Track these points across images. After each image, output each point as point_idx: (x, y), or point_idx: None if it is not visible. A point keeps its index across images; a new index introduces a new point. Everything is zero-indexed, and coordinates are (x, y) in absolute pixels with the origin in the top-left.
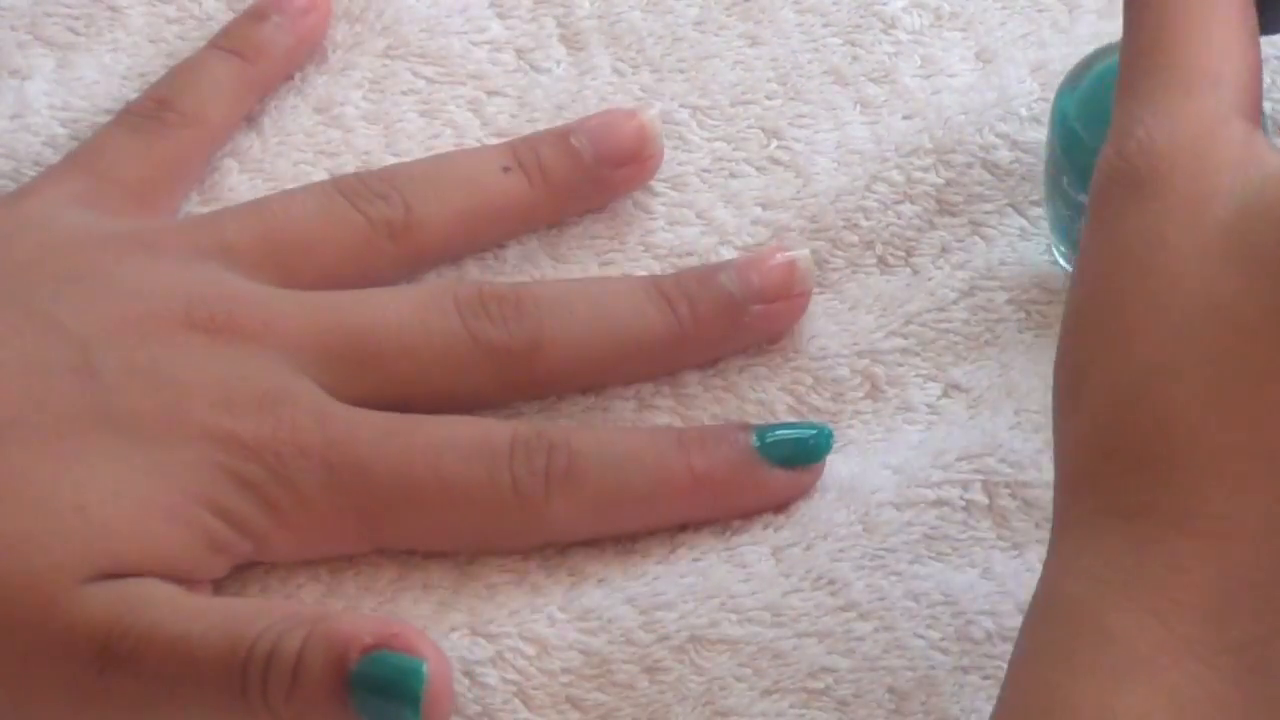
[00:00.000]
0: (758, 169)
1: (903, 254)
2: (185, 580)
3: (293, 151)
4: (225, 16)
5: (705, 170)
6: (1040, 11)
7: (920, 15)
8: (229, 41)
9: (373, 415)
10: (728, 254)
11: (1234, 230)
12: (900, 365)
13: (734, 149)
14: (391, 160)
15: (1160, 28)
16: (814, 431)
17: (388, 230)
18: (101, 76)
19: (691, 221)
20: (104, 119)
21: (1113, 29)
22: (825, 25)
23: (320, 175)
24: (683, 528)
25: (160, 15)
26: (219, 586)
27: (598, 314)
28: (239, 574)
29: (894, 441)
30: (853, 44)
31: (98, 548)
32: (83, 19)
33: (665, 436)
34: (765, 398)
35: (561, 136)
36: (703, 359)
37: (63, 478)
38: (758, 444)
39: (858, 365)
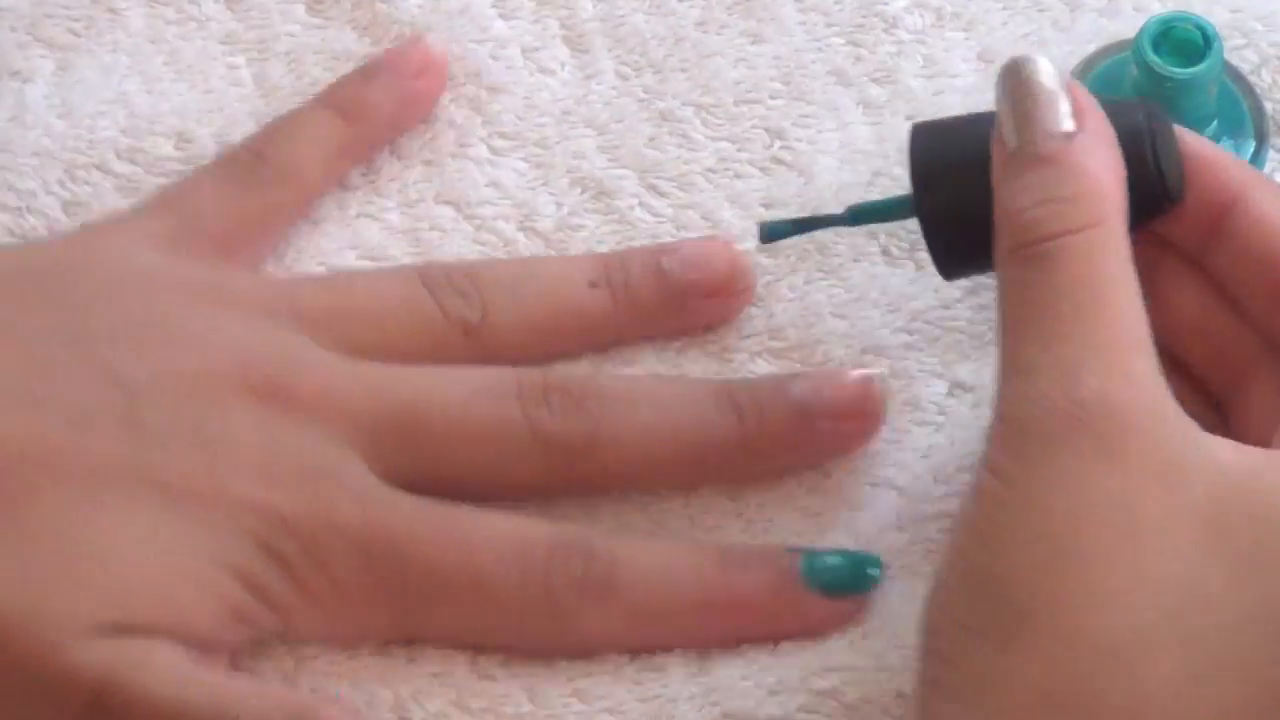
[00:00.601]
0: (761, 169)
1: (906, 246)
2: (201, 645)
3: None
4: (225, 18)
5: (710, 170)
6: (1041, 11)
7: (922, 15)
8: (334, 99)
9: (414, 502)
10: None
11: (1211, 521)
12: (905, 360)
13: (738, 149)
14: (398, 165)
15: (1091, 289)
16: (863, 560)
17: (462, 328)
18: (102, 78)
19: (698, 225)
20: (103, 118)
21: (1114, 28)
22: (828, 25)
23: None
24: None
25: (160, 17)
26: (240, 652)
27: (660, 416)
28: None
29: (903, 448)
30: (855, 44)
31: (112, 600)
32: (83, 20)
33: (708, 555)
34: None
35: (654, 257)
36: (764, 470)
37: (90, 525)
38: (805, 570)
39: (863, 362)
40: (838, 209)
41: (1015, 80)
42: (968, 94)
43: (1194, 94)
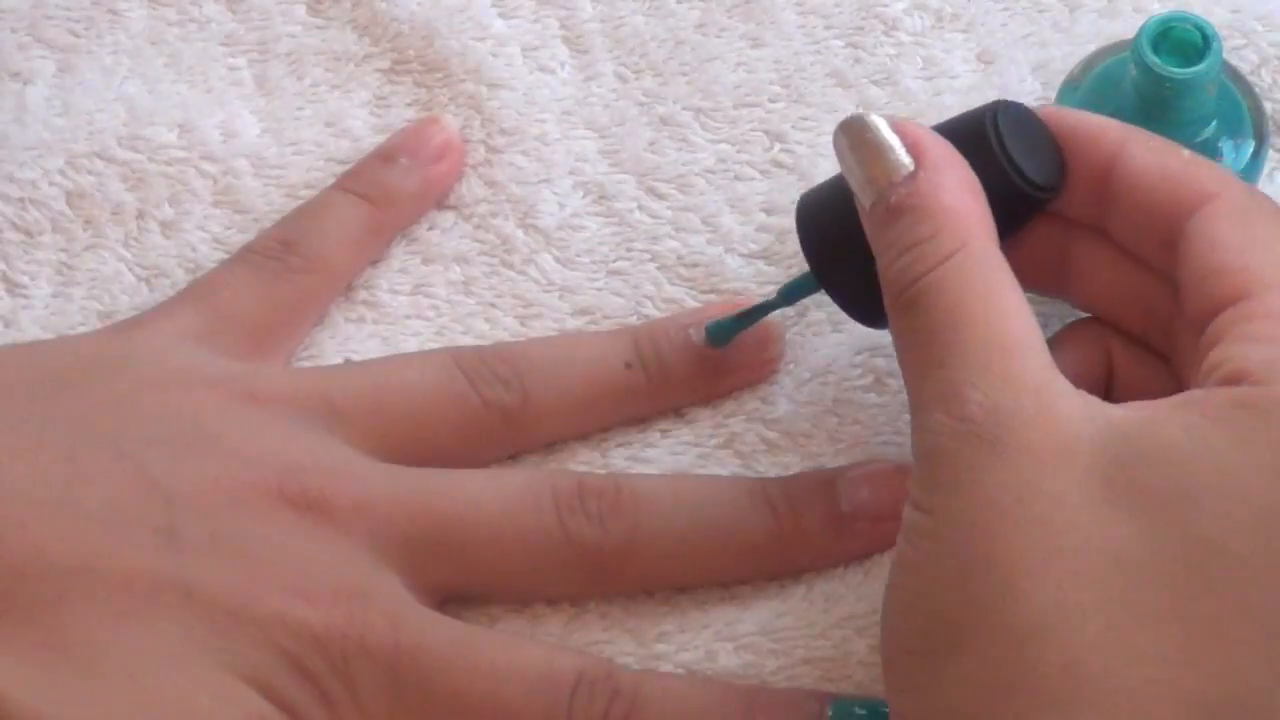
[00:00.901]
0: (761, 172)
1: None
2: None
3: (302, 158)
4: (225, 19)
5: (710, 171)
6: (1041, 12)
7: (922, 17)
8: (357, 184)
9: (447, 627)
10: (732, 262)
11: (1111, 476)
12: None
13: (738, 151)
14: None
15: (961, 310)
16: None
17: (502, 416)
18: (102, 79)
19: (697, 228)
20: (103, 114)
21: (1114, 29)
22: (827, 28)
23: (329, 182)
24: None
25: (160, 18)
26: None
27: (697, 517)
28: None
29: (905, 450)
30: (855, 46)
31: (138, 716)
32: (83, 22)
33: (735, 694)
34: None
35: (682, 331)
36: (800, 567)
37: (119, 639)
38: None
39: (856, 360)
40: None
41: (846, 143)
42: (967, 95)
43: (1193, 94)
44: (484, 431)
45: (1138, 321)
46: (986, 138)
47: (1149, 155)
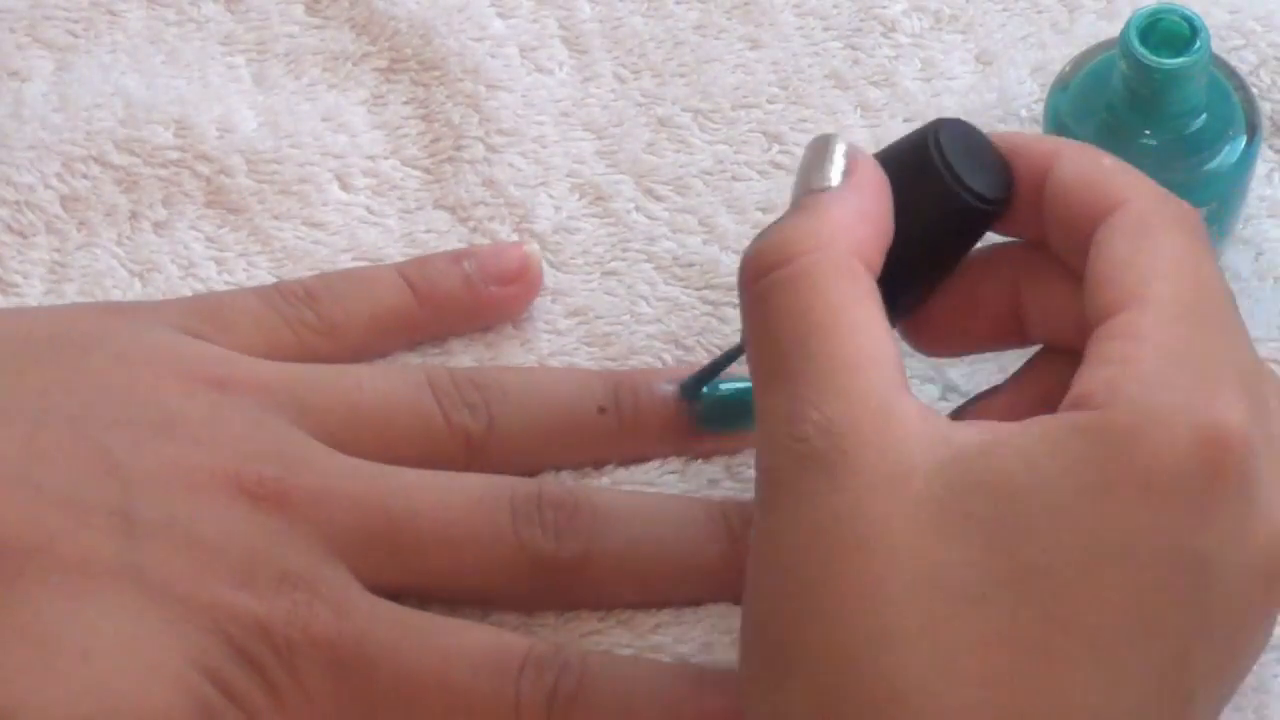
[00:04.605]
0: (759, 173)
1: None
2: None
3: (299, 152)
4: (224, 19)
5: (707, 173)
6: (1039, 13)
7: (920, 18)
8: (411, 271)
9: (393, 612)
10: (728, 262)
11: (943, 503)
12: None
13: (735, 152)
14: (398, 165)
15: (806, 318)
16: None
17: (465, 440)
18: (100, 75)
19: (694, 229)
20: (101, 110)
21: (1112, 29)
22: (826, 29)
23: (325, 176)
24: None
25: (159, 18)
26: None
27: (653, 535)
28: None
29: None
30: (853, 48)
31: (92, 698)
32: (81, 22)
33: (684, 675)
34: None
35: (661, 390)
36: None
37: (75, 620)
38: None
39: None
40: None
41: (805, 155)
42: (965, 96)
43: (1182, 85)
44: (444, 453)
45: None
46: (929, 154)
47: (1075, 163)
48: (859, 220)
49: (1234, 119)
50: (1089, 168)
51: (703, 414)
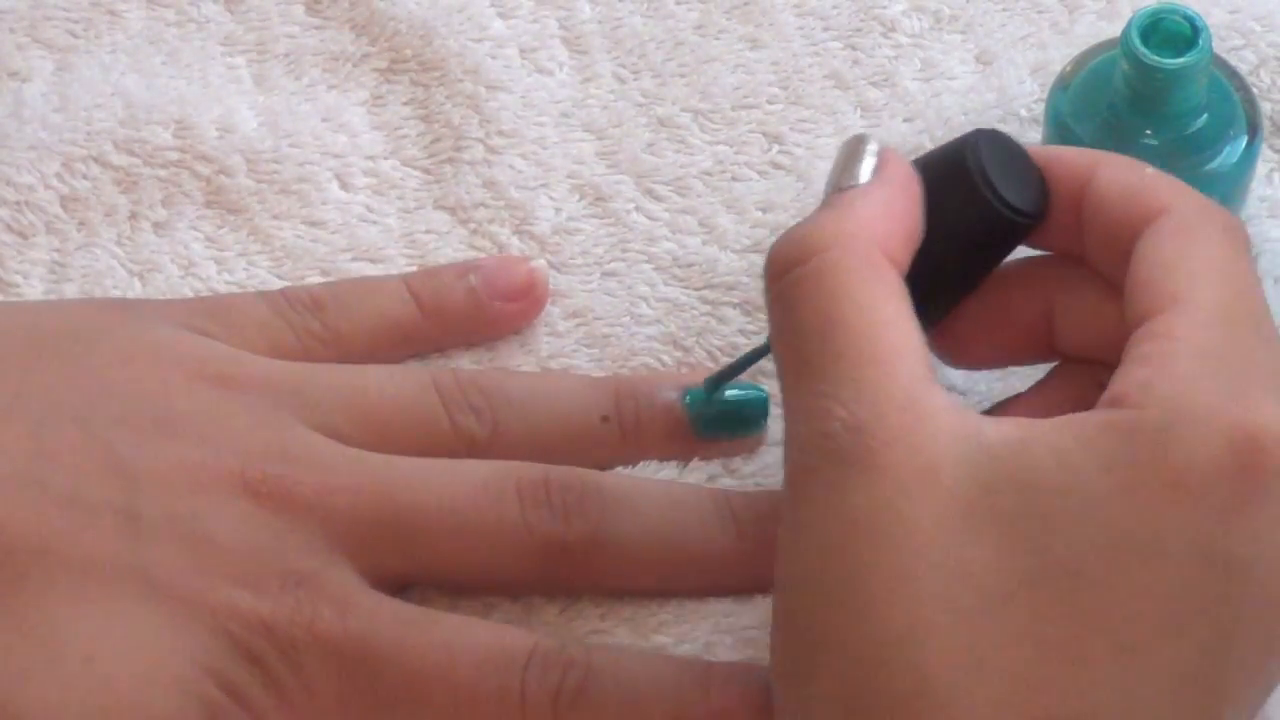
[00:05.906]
0: (759, 173)
1: None
2: None
3: (299, 152)
4: (224, 19)
5: (707, 173)
6: (1040, 13)
7: (920, 18)
8: (419, 284)
9: (397, 608)
10: (727, 262)
11: (973, 499)
12: None
13: (735, 152)
14: (397, 165)
15: (831, 313)
16: None
17: (468, 444)
18: (101, 75)
19: (694, 230)
20: (101, 110)
21: (1113, 30)
22: (825, 29)
23: (325, 176)
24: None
25: (159, 19)
26: None
27: (661, 521)
28: None
29: None
30: (853, 48)
31: (94, 701)
32: (81, 22)
33: (690, 669)
34: None
35: (666, 397)
36: (759, 585)
37: (78, 622)
38: None
39: None
40: None
41: (839, 152)
42: (965, 96)
43: (1183, 85)
44: (446, 452)
45: None
46: (966, 165)
47: (1114, 175)
48: (885, 215)
49: (1235, 119)
50: (1131, 177)
51: (704, 421)
